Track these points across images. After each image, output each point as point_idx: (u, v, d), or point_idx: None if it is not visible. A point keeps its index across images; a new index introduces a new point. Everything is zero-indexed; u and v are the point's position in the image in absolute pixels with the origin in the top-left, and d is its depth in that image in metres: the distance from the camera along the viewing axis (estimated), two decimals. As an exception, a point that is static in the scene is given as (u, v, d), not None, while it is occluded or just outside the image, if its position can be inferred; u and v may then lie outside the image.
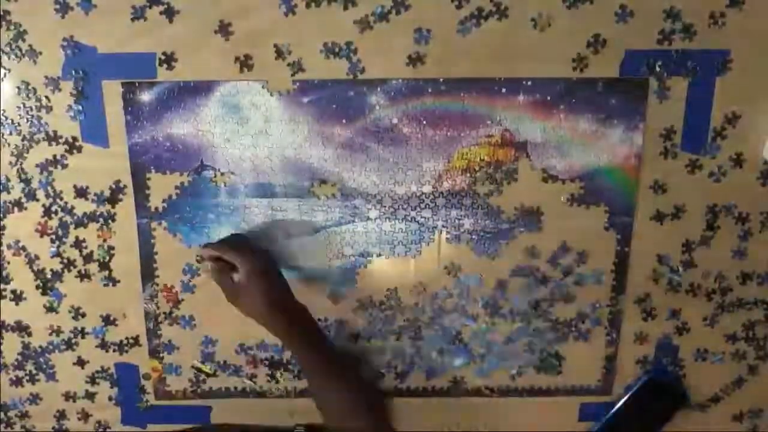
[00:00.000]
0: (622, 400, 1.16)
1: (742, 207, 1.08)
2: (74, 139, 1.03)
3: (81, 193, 1.06)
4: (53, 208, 1.06)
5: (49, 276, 1.10)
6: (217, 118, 1.02)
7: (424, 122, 1.03)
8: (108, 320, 1.13)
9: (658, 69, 1.00)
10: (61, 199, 1.06)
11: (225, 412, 1.19)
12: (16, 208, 1.06)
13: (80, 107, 1.01)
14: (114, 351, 1.15)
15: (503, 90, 1.01)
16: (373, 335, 1.14)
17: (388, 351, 1.15)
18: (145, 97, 1.01)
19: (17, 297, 1.11)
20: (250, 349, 1.15)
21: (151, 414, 1.19)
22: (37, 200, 1.06)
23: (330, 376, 1.00)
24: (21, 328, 1.13)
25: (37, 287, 1.11)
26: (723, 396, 1.19)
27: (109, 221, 1.07)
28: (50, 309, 1.12)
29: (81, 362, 1.15)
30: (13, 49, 0.99)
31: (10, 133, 1.03)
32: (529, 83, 1.01)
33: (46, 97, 1.01)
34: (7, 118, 1.02)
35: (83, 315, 1.12)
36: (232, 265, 0.98)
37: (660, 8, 0.98)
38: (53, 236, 1.08)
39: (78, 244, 1.08)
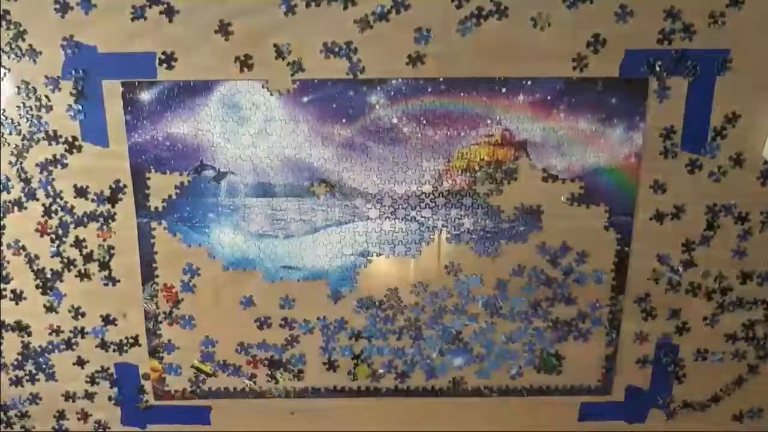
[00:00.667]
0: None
1: (742, 207, 1.08)
2: (74, 138, 1.03)
3: (81, 192, 1.06)
4: (53, 208, 1.06)
5: (49, 276, 1.10)
6: (216, 118, 1.02)
7: (424, 122, 1.03)
8: (108, 320, 1.13)
9: (658, 69, 1.00)
10: (61, 198, 1.06)
11: (224, 412, 1.19)
12: (16, 208, 1.06)
13: (80, 107, 1.01)
14: (114, 351, 1.15)
15: (503, 90, 1.01)
16: (374, 335, 1.14)
17: (388, 351, 1.16)
18: (145, 96, 1.01)
19: (17, 297, 1.11)
20: (250, 348, 1.15)
21: (150, 414, 1.19)
22: (37, 200, 1.06)
23: None
24: (21, 328, 1.13)
25: (37, 287, 1.11)
26: (723, 396, 1.19)
27: (109, 221, 1.07)
28: (50, 309, 1.12)
29: (81, 362, 1.15)
30: (13, 49, 0.99)
31: (10, 133, 1.03)
32: (529, 83, 1.01)
33: (46, 96, 1.01)
34: (7, 117, 1.02)
35: (83, 315, 1.12)
36: None
37: (660, 8, 0.98)
38: (53, 236, 1.08)
39: (78, 243, 1.08)
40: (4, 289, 1.11)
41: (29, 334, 1.13)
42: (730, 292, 1.13)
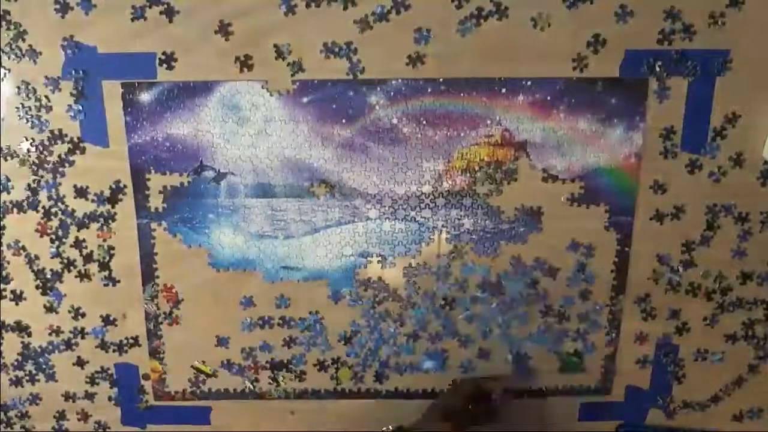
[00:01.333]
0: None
1: (742, 207, 1.08)
2: (74, 139, 1.03)
3: (81, 193, 1.06)
4: (53, 209, 1.06)
5: (49, 276, 1.10)
6: (216, 118, 1.02)
7: (424, 122, 1.03)
8: (108, 320, 1.13)
9: (658, 69, 1.00)
10: (61, 199, 1.06)
11: (225, 412, 1.19)
12: (16, 209, 1.06)
13: (80, 107, 1.01)
14: (114, 351, 1.15)
15: (503, 90, 1.01)
16: (373, 335, 1.14)
17: (389, 351, 1.16)
18: (145, 97, 1.01)
19: (17, 297, 1.11)
20: (251, 349, 1.15)
21: (150, 414, 1.19)
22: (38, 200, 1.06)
23: None
24: (21, 328, 1.13)
25: (37, 287, 1.11)
26: (723, 396, 1.19)
27: (109, 221, 1.07)
28: (50, 309, 1.12)
29: (81, 362, 1.15)
30: (13, 49, 0.99)
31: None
32: (529, 83, 1.01)
33: (46, 97, 1.01)
34: (7, 118, 1.02)
35: (83, 315, 1.12)
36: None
37: (660, 8, 0.98)
38: (53, 236, 1.08)
39: (78, 244, 1.08)
40: (4, 290, 1.11)
41: (29, 335, 1.13)
42: (730, 292, 1.13)
